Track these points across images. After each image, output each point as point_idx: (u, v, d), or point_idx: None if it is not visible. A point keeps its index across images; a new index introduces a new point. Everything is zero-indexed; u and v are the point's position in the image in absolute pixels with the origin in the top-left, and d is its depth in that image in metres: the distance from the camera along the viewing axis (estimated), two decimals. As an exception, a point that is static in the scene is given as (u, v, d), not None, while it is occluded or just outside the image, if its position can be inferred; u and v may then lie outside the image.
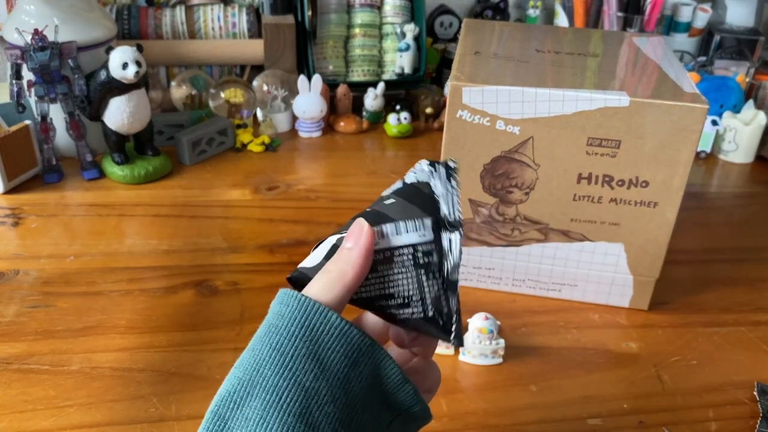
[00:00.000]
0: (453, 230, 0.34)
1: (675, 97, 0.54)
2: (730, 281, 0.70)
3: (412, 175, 0.36)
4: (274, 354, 0.29)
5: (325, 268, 0.33)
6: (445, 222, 0.34)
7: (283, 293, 0.31)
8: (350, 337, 0.31)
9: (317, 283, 0.33)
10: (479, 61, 0.61)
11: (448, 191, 0.35)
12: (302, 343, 0.29)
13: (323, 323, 0.30)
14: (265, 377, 0.29)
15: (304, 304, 0.30)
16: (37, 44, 0.77)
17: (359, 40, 1.03)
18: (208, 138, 0.89)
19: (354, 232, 0.34)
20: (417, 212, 0.34)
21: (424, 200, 0.34)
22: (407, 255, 0.34)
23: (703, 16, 1.12)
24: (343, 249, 0.34)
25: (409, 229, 0.34)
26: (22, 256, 0.68)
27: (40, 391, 0.52)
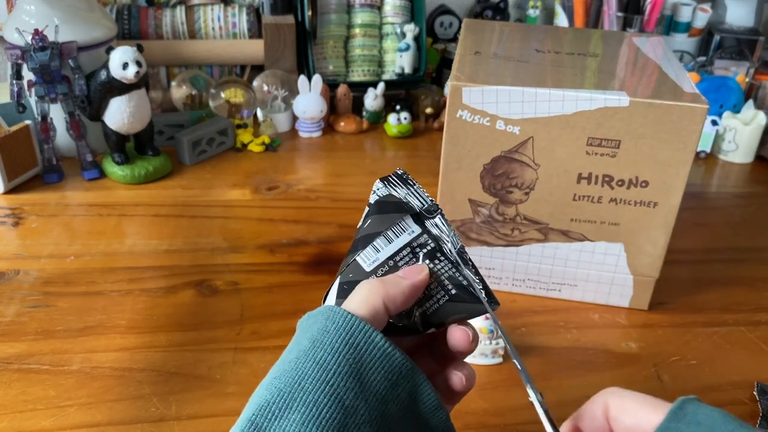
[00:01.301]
0: (433, 215, 0.37)
1: (675, 97, 0.54)
2: (729, 281, 0.70)
3: (374, 196, 0.38)
4: (317, 369, 0.30)
5: (365, 285, 0.34)
6: (423, 212, 0.37)
7: (328, 309, 0.32)
8: (392, 358, 0.31)
9: (355, 299, 0.33)
10: (479, 61, 0.61)
11: (410, 190, 0.38)
12: (345, 360, 0.30)
13: (367, 343, 0.31)
14: (306, 391, 0.29)
15: (350, 322, 0.31)
16: (38, 44, 0.77)
17: (359, 40, 1.04)
18: (209, 138, 0.89)
19: (413, 268, 0.35)
20: (395, 217, 0.36)
21: (393, 207, 0.37)
22: (408, 254, 0.36)
23: (702, 16, 1.12)
24: (395, 275, 0.34)
25: (397, 233, 0.36)
26: (23, 256, 0.68)
27: (40, 391, 0.52)
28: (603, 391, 0.34)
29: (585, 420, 0.34)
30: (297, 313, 0.62)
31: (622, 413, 0.32)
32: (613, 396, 0.33)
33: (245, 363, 0.56)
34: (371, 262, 0.35)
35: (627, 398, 0.32)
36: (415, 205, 0.37)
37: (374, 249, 0.35)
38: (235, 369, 0.55)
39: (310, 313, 0.34)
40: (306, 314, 0.34)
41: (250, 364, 0.56)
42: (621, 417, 0.32)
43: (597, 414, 0.33)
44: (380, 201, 0.38)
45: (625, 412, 0.32)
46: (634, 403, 0.32)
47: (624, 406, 0.32)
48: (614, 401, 0.33)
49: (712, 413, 0.30)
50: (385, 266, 0.35)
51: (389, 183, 0.38)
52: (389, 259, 0.35)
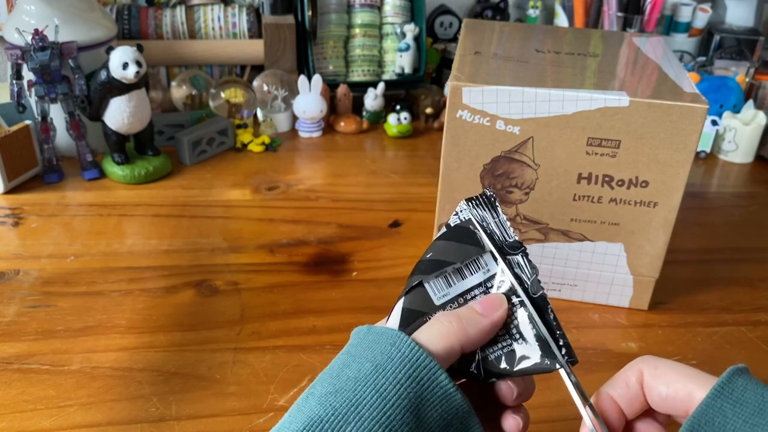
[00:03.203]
0: (516, 252, 0.34)
1: (675, 97, 0.54)
2: (729, 281, 0.70)
3: (455, 217, 0.36)
4: (376, 397, 0.29)
5: (443, 319, 0.32)
6: (504, 247, 0.34)
7: (396, 336, 0.31)
8: (453, 400, 0.30)
9: (431, 332, 0.32)
10: (479, 61, 0.61)
11: (494, 219, 0.35)
12: (406, 394, 0.29)
13: (431, 380, 0.30)
14: (362, 417, 0.29)
15: (417, 354, 0.30)
16: (38, 44, 0.77)
17: (359, 40, 1.04)
18: (209, 138, 0.89)
19: (492, 301, 0.33)
20: (472, 250, 0.34)
21: (473, 237, 0.35)
22: (481, 294, 0.34)
23: (702, 16, 1.12)
24: (472, 310, 0.33)
25: (473, 270, 0.34)
26: (23, 256, 0.68)
27: (40, 391, 0.52)
28: (638, 359, 0.33)
29: (618, 387, 0.33)
30: (297, 313, 0.62)
31: (658, 381, 0.31)
32: (648, 364, 0.32)
33: (245, 363, 0.56)
34: (441, 295, 0.34)
35: (663, 366, 0.31)
36: (497, 237, 0.35)
37: (446, 282, 0.34)
38: (235, 369, 0.55)
39: (373, 329, 0.33)
40: (366, 327, 0.33)
41: (250, 364, 0.56)
42: (656, 385, 0.31)
43: (631, 381, 0.32)
44: (461, 228, 0.35)
45: (660, 380, 0.31)
46: (671, 372, 0.31)
47: (660, 375, 0.31)
48: (649, 369, 0.32)
49: (764, 393, 0.28)
50: (455, 303, 0.33)
51: (475, 205, 0.36)
52: (460, 296, 0.34)
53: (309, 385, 0.32)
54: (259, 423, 0.50)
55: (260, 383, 0.54)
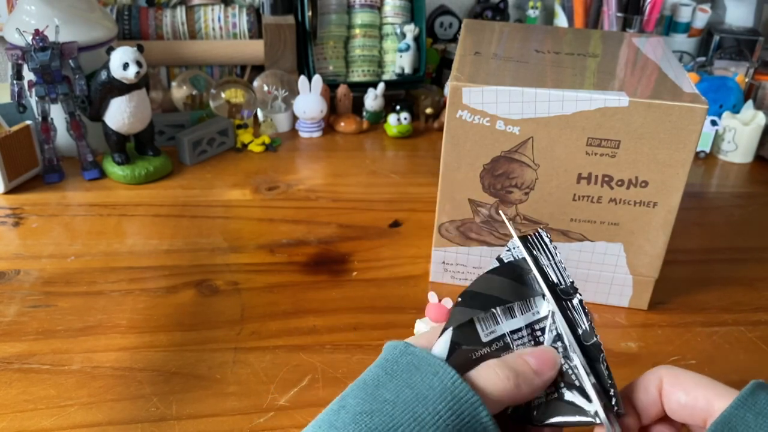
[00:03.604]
0: (571, 296, 0.33)
1: (674, 98, 0.54)
2: (729, 281, 0.70)
3: (507, 253, 0.35)
4: (414, 425, 0.28)
5: (499, 371, 0.31)
6: (559, 291, 0.34)
7: (440, 366, 0.30)
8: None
9: (481, 375, 0.31)
10: (479, 62, 0.61)
11: (550, 261, 0.34)
12: (445, 426, 0.28)
13: (471, 416, 0.29)
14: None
15: (459, 388, 0.29)
16: (38, 44, 0.77)
17: (359, 41, 1.04)
18: (209, 138, 0.89)
19: (547, 360, 0.32)
20: (525, 291, 0.33)
21: (527, 277, 0.34)
22: (527, 335, 0.33)
23: (702, 16, 1.12)
24: (526, 365, 0.32)
25: (522, 310, 0.33)
26: (23, 256, 0.68)
27: (40, 391, 0.52)
28: (659, 366, 0.33)
29: (637, 392, 0.33)
30: (297, 312, 0.62)
31: (677, 389, 0.31)
32: (669, 371, 0.32)
33: (245, 363, 0.56)
34: (488, 332, 0.33)
35: (683, 375, 0.32)
36: (552, 280, 0.34)
37: (494, 319, 0.33)
38: (235, 369, 0.55)
39: (412, 351, 0.32)
40: (403, 345, 0.32)
41: (251, 363, 0.56)
42: (675, 393, 0.31)
43: (650, 387, 0.32)
44: (515, 266, 0.34)
45: (680, 388, 0.31)
46: (691, 381, 0.31)
47: (680, 383, 0.31)
48: (669, 377, 0.32)
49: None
50: (501, 342, 0.33)
51: (531, 245, 0.35)
52: (506, 335, 0.33)
53: (340, 396, 0.31)
54: (260, 423, 0.50)
55: (260, 383, 0.54)
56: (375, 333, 0.60)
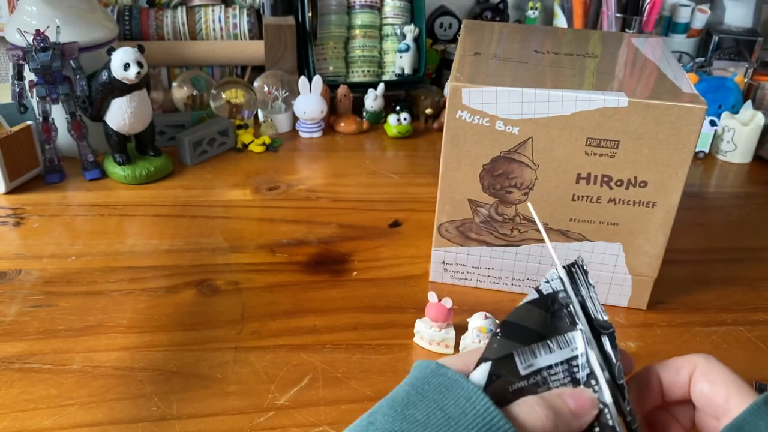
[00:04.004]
0: (606, 331, 0.33)
1: (673, 98, 0.54)
2: (728, 281, 0.70)
3: (546, 285, 0.34)
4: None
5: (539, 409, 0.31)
6: (597, 325, 0.33)
7: (473, 391, 0.30)
8: None
9: (521, 409, 0.31)
10: (479, 62, 0.61)
11: (588, 294, 0.34)
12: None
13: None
14: None
15: (492, 415, 0.29)
16: (39, 45, 0.77)
17: (359, 41, 1.04)
18: (209, 138, 0.89)
19: (586, 403, 0.32)
20: (564, 326, 0.33)
21: (564, 310, 0.33)
22: (564, 372, 0.32)
23: (701, 17, 1.12)
24: (566, 405, 0.31)
25: (561, 345, 0.32)
26: (24, 256, 0.69)
27: (41, 390, 0.52)
28: (698, 354, 0.33)
29: (668, 371, 0.34)
30: (297, 312, 0.62)
31: (705, 378, 0.32)
32: (705, 361, 0.33)
33: (246, 362, 0.56)
34: (527, 365, 0.32)
35: (716, 368, 0.32)
36: (590, 311, 0.33)
37: (532, 353, 0.32)
38: (236, 368, 0.55)
39: (444, 372, 0.31)
40: (435, 365, 0.32)
41: (251, 363, 0.56)
42: (702, 381, 0.32)
43: (683, 369, 0.33)
44: (554, 300, 0.34)
45: (707, 379, 0.32)
46: (718, 375, 0.32)
47: (708, 373, 0.32)
48: (703, 365, 0.33)
49: None
50: (538, 376, 0.32)
51: (571, 278, 0.34)
52: (543, 370, 0.32)
53: (368, 412, 0.31)
54: (260, 422, 0.50)
55: (261, 382, 0.54)
56: (375, 333, 0.60)
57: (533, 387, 0.32)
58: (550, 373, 0.32)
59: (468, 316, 0.58)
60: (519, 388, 0.32)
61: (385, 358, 0.57)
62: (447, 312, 0.57)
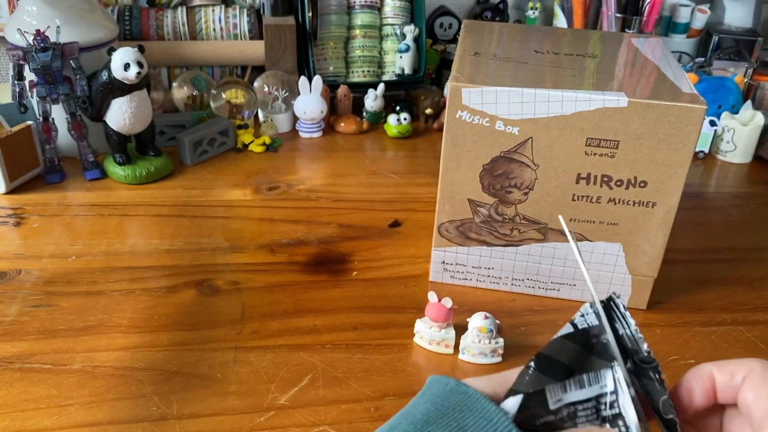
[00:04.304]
0: (648, 365, 0.33)
1: (673, 98, 0.54)
2: (728, 281, 0.70)
3: (581, 319, 0.34)
4: None
5: None
6: (637, 360, 0.33)
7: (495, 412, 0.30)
8: None
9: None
10: (479, 62, 0.61)
11: (625, 327, 0.33)
12: None
13: None
14: None
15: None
16: (39, 45, 0.77)
17: (359, 41, 1.04)
18: (210, 138, 0.89)
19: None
20: (598, 363, 0.32)
21: (599, 347, 0.32)
22: (591, 407, 0.32)
23: (701, 17, 1.12)
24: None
25: (591, 381, 0.32)
26: (24, 256, 0.69)
27: (42, 390, 0.52)
28: (756, 359, 0.32)
29: (723, 374, 0.32)
30: (297, 312, 0.62)
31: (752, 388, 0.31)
32: (760, 368, 0.31)
33: (246, 362, 0.56)
34: (556, 400, 0.32)
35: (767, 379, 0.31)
36: (629, 347, 0.33)
37: (563, 389, 0.32)
38: (236, 368, 0.55)
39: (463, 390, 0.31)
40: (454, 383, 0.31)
41: (251, 363, 0.56)
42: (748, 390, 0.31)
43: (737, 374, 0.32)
44: (590, 335, 0.33)
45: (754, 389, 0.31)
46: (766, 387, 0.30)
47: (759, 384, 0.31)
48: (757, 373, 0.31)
49: None
50: (566, 410, 0.32)
51: (607, 313, 0.33)
52: (572, 405, 0.32)
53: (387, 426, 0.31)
54: (260, 422, 0.50)
55: (261, 382, 0.54)
56: (375, 333, 0.60)
57: (560, 422, 0.32)
58: (578, 409, 0.32)
59: (468, 316, 0.58)
60: (546, 422, 0.32)
61: (385, 358, 0.57)
62: (447, 312, 0.57)
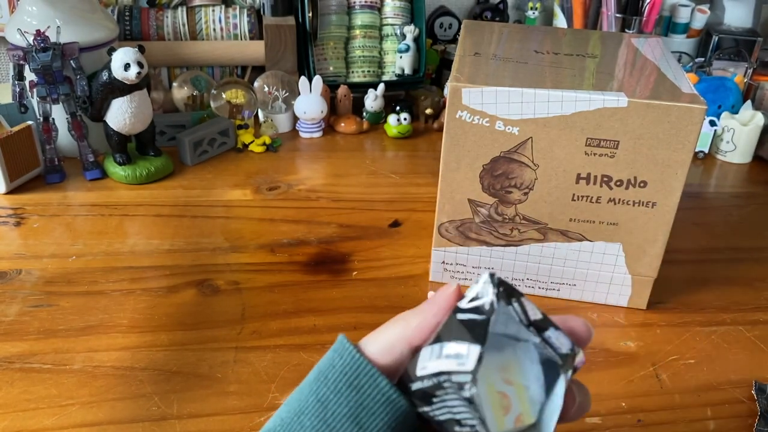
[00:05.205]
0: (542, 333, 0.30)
1: (673, 98, 0.54)
2: (728, 281, 0.70)
3: (475, 289, 0.30)
4: (318, 406, 0.29)
5: (390, 322, 0.31)
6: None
7: (340, 342, 0.30)
8: (396, 406, 0.29)
9: (380, 337, 0.31)
10: (479, 62, 0.61)
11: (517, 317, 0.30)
12: (346, 402, 0.29)
13: (371, 386, 0.29)
14: (303, 426, 0.29)
15: (357, 362, 0.30)
16: (39, 45, 0.77)
17: (359, 41, 1.04)
18: (210, 138, 0.89)
19: (440, 293, 0.31)
20: (466, 336, 0.29)
21: (478, 322, 0.29)
22: (446, 383, 0.29)
23: (701, 17, 1.12)
24: (424, 304, 0.32)
25: (450, 354, 0.28)
26: (25, 256, 0.69)
27: (42, 390, 0.52)
28: None
29: None
30: (297, 312, 0.62)
31: None
32: None
33: (246, 362, 0.56)
34: (422, 367, 0.29)
35: None
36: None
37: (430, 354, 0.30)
38: (236, 368, 0.55)
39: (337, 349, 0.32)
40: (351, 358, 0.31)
41: (251, 363, 0.56)
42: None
43: None
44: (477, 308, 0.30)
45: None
46: None
47: None
48: None
49: None
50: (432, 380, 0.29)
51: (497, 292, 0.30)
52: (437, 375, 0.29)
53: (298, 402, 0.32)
54: (260, 422, 0.50)
55: (261, 382, 0.54)
56: (375, 332, 0.60)
57: (431, 389, 0.29)
58: (441, 381, 0.29)
59: (468, 316, 0.58)
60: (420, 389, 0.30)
61: (385, 357, 0.57)
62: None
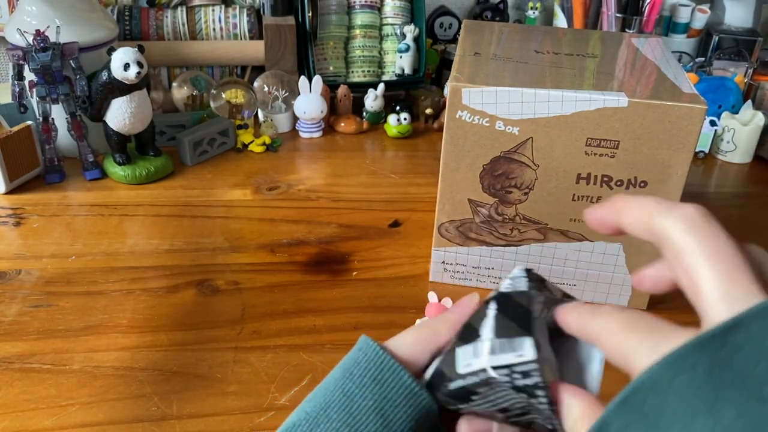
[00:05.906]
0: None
1: (673, 98, 0.54)
2: (728, 281, 0.70)
3: (509, 283, 0.31)
4: (344, 400, 0.30)
5: (414, 326, 0.34)
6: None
7: (364, 341, 0.32)
8: (419, 399, 0.31)
9: (405, 338, 0.33)
10: (479, 62, 0.61)
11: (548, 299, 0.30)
12: (371, 396, 0.30)
13: (395, 380, 0.31)
14: (330, 419, 0.30)
15: (380, 358, 0.31)
16: (39, 45, 0.77)
17: (359, 41, 1.04)
18: (210, 138, 0.89)
19: (463, 300, 0.33)
20: (513, 329, 0.29)
21: (520, 313, 0.29)
22: (504, 377, 0.29)
23: (701, 17, 1.12)
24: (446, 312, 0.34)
25: (505, 348, 0.29)
26: (24, 256, 0.69)
27: (42, 390, 0.52)
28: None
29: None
30: (297, 312, 0.62)
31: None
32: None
33: (246, 362, 0.56)
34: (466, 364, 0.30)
35: None
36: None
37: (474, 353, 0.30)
38: (236, 368, 0.55)
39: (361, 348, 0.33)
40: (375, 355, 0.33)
41: (251, 363, 0.56)
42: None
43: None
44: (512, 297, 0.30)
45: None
46: None
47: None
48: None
49: None
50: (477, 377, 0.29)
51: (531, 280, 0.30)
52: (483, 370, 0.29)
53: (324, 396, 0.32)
54: (260, 422, 0.50)
55: (261, 382, 0.54)
56: (375, 332, 0.60)
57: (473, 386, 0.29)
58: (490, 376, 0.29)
59: (468, 316, 0.58)
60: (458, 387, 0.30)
61: (385, 358, 0.57)
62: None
